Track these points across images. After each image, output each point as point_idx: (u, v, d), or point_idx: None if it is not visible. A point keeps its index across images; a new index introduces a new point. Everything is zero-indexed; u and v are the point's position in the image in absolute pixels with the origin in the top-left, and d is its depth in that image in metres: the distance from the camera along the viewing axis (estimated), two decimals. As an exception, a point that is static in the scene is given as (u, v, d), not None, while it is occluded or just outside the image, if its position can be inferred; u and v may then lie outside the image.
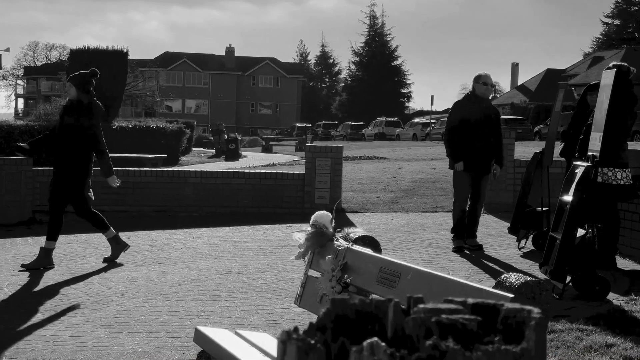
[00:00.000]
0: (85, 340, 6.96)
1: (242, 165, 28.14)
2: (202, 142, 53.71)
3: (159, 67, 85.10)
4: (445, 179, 18.84)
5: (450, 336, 1.12)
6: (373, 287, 4.35)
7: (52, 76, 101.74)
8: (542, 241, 10.55)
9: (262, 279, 9.33)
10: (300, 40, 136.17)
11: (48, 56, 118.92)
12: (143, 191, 15.20)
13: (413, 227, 13.05)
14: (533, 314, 1.14)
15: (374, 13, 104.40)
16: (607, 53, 77.23)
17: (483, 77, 10.85)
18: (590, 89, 10.68)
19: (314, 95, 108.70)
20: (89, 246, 11.95)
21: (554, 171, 11.67)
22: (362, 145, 45.91)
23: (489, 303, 1.24)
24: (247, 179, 15.41)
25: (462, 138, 10.67)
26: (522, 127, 47.36)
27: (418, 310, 1.21)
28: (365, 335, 1.27)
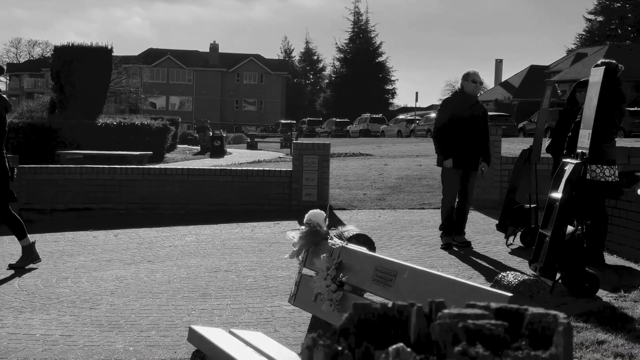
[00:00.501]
0: (75, 340, 6.93)
1: (228, 162, 28.09)
2: (187, 139, 53.58)
3: (143, 64, 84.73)
4: (431, 176, 18.87)
5: (479, 342, 1.12)
6: (369, 286, 4.35)
7: (35, 73, 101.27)
8: (530, 238, 10.60)
9: (251, 276, 9.32)
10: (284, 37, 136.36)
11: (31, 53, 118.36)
12: (129, 189, 15.15)
13: (401, 224, 13.07)
14: (560, 319, 1.14)
15: (358, 9, 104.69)
16: (590, 49, 77.53)
17: (472, 74, 10.87)
18: (579, 86, 10.73)
19: (298, 92, 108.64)
20: (76, 244, 11.91)
21: (542, 168, 11.71)
22: (347, 142, 45.92)
23: (513, 308, 1.24)
24: (234, 176, 15.39)
25: (450, 135, 10.70)
26: (507, 124, 47.49)
27: (443, 316, 1.20)
28: (388, 340, 1.27)
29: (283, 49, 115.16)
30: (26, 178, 14.83)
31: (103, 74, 33.84)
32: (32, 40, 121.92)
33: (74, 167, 15.79)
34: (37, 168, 15.43)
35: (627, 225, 9.86)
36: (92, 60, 32.98)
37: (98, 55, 33.49)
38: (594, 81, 8.19)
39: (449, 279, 3.74)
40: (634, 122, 38.77)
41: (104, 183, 15.11)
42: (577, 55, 77.71)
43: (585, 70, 57.80)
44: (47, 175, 15.07)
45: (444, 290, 3.63)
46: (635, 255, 9.59)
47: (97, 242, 12.04)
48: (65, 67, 32.55)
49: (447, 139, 10.70)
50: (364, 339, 1.25)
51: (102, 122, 30.84)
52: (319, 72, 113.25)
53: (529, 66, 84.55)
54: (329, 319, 4.65)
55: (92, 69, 32.79)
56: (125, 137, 29.99)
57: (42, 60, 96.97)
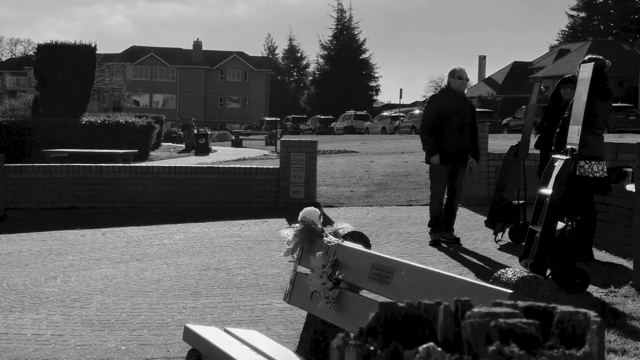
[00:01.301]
0: (67, 339, 6.90)
1: (213, 160, 28.03)
2: (171, 136, 53.42)
3: (126, 62, 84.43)
4: (417, 173, 18.90)
5: (513, 341, 1.12)
6: (365, 284, 4.35)
7: (18, 71, 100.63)
8: (518, 234, 10.64)
9: (241, 274, 9.31)
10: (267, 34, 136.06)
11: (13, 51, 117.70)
12: (116, 187, 15.10)
13: (389, 220, 13.08)
14: (592, 318, 1.14)
15: (342, 7, 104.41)
16: (573, 46, 77.85)
17: (458, 71, 10.89)
18: (563, 82, 10.77)
19: (282, 89, 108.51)
20: (63, 243, 11.85)
21: (530, 164, 11.75)
22: (332, 139, 45.90)
23: (540, 306, 1.24)
24: (221, 174, 15.35)
25: (437, 132, 10.71)
26: (491, 120, 47.57)
27: (473, 315, 1.20)
28: (415, 339, 1.26)
29: (266, 46, 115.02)
30: (12, 177, 14.75)
31: (87, 72, 33.68)
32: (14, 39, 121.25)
33: (60, 165, 15.71)
34: (22, 167, 15.34)
35: (616, 221, 9.90)
36: (76, 59, 32.81)
37: (81, 53, 33.32)
38: (584, 77, 8.22)
39: (448, 275, 3.74)
40: (618, 119, 38.93)
41: (91, 182, 15.05)
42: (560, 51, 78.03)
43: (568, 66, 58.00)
44: (33, 174, 14.99)
45: (443, 287, 3.63)
46: (623, 251, 9.64)
47: (85, 241, 11.99)
48: (49, 66, 32.37)
49: (433, 135, 10.72)
50: (391, 338, 1.25)
51: (87, 121, 30.69)
52: (302, 70, 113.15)
53: (512, 62, 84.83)
54: (325, 317, 4.65)
55: (75, 67, 32.63)
56: (109, 135, 29.86)
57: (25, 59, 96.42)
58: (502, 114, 58.19)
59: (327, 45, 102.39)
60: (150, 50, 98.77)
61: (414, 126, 51.26)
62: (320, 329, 4.94)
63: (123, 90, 74.42)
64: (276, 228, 12.27)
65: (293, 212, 7.66)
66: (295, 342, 5.95)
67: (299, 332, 5.78)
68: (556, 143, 9.16)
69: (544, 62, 77.82)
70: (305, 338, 5.06)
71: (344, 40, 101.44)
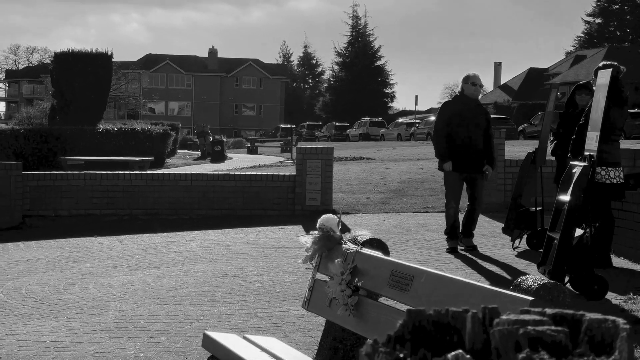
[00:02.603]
0: (86, 346, 6.92)
1: (229, 167, 28.09)
2: (187, 144, 53.58)
3: (142, 69, 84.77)
4: (433, 179, 18.88)
5: (542, 349, 1.12)
6: (384, 291, 4.35)
7: (34, 79, 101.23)
8: (536, 241, 10.61)
9: (258, 281, 9.32)
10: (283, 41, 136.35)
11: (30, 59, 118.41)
12: (133, 194, 15.15)
13: (406, 227, 13.07)
14: (621, 325, 1.14)
15: (357, 14, 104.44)
16: (589, 52, 77.63)
17: (472, 77, 10.86)
18: (578, 89, 10.74)
19: (297, 96, 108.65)
20: (81, 250, 11.90)
21: (547, 171, 11.72)
22: (347, 145, 45.91)
23: (568, 313, 1.24)
24: (238, 181, 15.39)
25: (451, 138, 10.68)
26: (507, 126, 47.46)
27: (502, 322, 1.20)
28: (443, 346, 1.27)
29: (282, 54, 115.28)
30: (30, 184, 14.83)
31: (103, 80, 33.85)
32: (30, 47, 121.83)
33: (77, 173, 15.78)
34: (40, 174, 15.42)
35: (634, 227, 9.86)
36: (92, 67, 32.99)
37: (98, 61, 33.51)
38: (601, 83, 8.20)
39: (468, 283, 3.73)
40: (635, 125, 38.77)
41: (108, 189, 15.11)
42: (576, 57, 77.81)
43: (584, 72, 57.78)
44: (51, 181, 15.06)
45: (463, 294, 3.62)
46: (642, 257, 9.59)
47: (102, 248, 12.04)
48: (66, 73, 32.56)
49: (446, 142, 10.68)
50: (420, 345, 1.26)
51: (103, 128, 30.82)
52: (317, 76, 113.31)
53: (528, 69, 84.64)
54: (344, 324, 4.65)
55: (92, 75, 32.81)
56: (125, 142, 29.98)
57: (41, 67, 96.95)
58: (517, 120, 58.04)
59: (342, 52, 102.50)
60: (166, 57, 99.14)
61: (429, 133, 51.20)
62: (339, 336, 4.94)
63: (139, 98, 74.72)
64: (293, 235, 12.29)
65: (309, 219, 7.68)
66: (314, 349, 5.95)
67: (317, 339, 5.79)
68: (572, 149, 9.14)
69: (559, 68, 77.63)
70: (324, 345, 5.06)
71: (359, 47, 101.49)
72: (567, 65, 76.08)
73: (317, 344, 5.36)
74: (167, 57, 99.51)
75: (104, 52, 34.19)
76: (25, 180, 14.79)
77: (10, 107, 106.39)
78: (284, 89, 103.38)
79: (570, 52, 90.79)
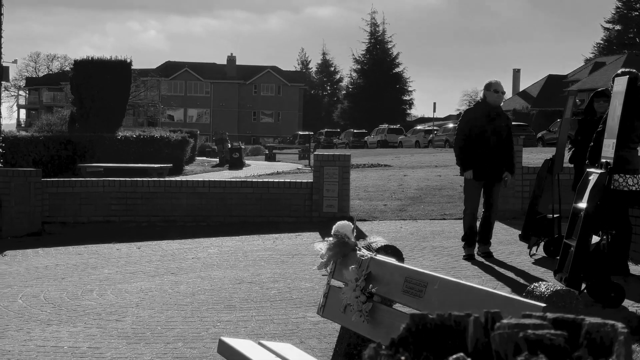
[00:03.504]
0: (103, 352, 6.98)
1: (247, 174, 28.17)
2: (205, 151, 53.79)
3: (161, 77, 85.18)
4: (451, 186, 18.87)
5: (541, 352, 1.14)
6: (399, 297, 4.36)
7: (54, 87, 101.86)
8: (553, 248, 10.59)
9: (275, 288, 9.35)
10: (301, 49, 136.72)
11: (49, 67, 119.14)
12: (151, 201, 15.23)
13: (422, 234, 13.07)
14: (619, 329, 1.16)
15: (375, 21, 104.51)
16: (608, 58, 77.27)
17: (494, 84, 10.85)
18: (596, 96, 10.72)
19: (315, 103, 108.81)
20: (100, 257, 11.97)
21: (564, 178, 11.69)
22: (365, 152, 45.94)
23: (569, 317, 1.26)
24: (255, 188, 15.43)
25: (472, 146, 10.67)
26: (525, 133, 47.32)
27: (502, 326, 1.23)
28: (446, 349, 1.29)
29: (300, 61, 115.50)
30: (49, 191, 14.93)
31: (122, 87, 34.06)
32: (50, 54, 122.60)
33: (96, 180, 15.88)
34: (59, 181, 15.53)
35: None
36: (112, 74, 33.21)
37: (117, 68, 33.73)
38: (618, 90, 8.18)
39: (481, 289, 3.75)
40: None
41: (126, 196, 15.19)
42: (595, 64, 77.44)
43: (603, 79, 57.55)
44: (70, 188, 15.16)
45: (476, 301, 3.64)
46: (659, 265, 9.55)
47: (120, 255, 12.11)
48: (85, 81, 32.79)
49: (468, 149, 10.68)
50: (422, 349, 1.28)
51: (122, 135, 31.00)
52: (336, 83, 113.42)
53: (547, 75, 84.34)
54: (358, 330, 4.67)
55: (111, 82, 33.02)
56: (144, 149, 30.14)
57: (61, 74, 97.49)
58: (536, 127, 57.87)
59: (360, 59, 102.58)
60: (185, 65, 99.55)
61: (447, 140, 51.16)
62: (353, 342, 4.96)
63: (158, 105, 75.04)
64: (310, 242, 12.31)
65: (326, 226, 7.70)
66: (329, 355, 5.97)
67: (333, 345, 5.80)
68: (590, 157, 9.12)
69: (579, 75, 77.31)
70: (339, 351, 5.08)
71: (377, 54, 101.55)
72: (586, 72, 75.75)
73: (332, 350, 5.38)
74: (186, 64, 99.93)
75: (123, 60, 34.42)
76: (45, 187, 14.88)
77: (30, 114, 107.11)
78: (302, 96, 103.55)
79: (590, 59, 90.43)
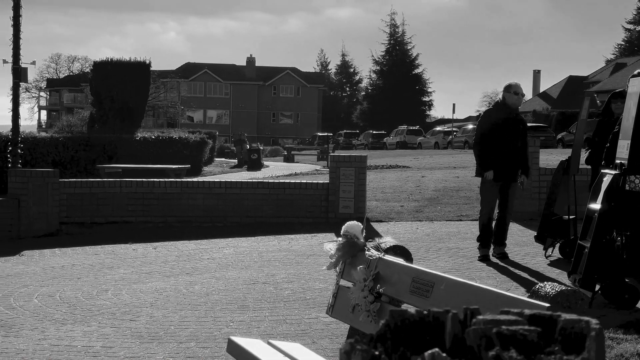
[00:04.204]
0: (116, 351, 7.01)
1: (265, 175, 28.21)
2: (224, 152, 53.88)
3: (180, 78, 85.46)
4: (469, 188, 18.82)
5: (512, 347, 1.15)
6: (406, 297, 4.37)
7: (75, 88, 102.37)
8: (569, 249, 10.54)
9: (289, 288, 9.37)
10: (320, 50, 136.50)
11: (70, 68, 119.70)
12: (168, 202, 15.28)
13: (438, 235, 13.05)
14: (592, 325, 1.16)
15: (394, 22, 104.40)
16: (629, 59, 76.85)
17: (514, 86, 10.82)
18: (614, 97, 10.67)
19: (334, 105, 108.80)
20: (116, 257, 12.03)
21: (581, 179, 11.63)
22: (384, 154, 45.89)
23: (546, 314, 1.26)
24: (271, 189, 15.46)
25: (491, 147, 10.65)
26: (545, 135, 47.12)
27: (478, 322, 1.23)
28: (424, 345, 1.30)
29: (319, 62, 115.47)
30: (66, 192, 15.01)
31: (141, 89, 34.19)
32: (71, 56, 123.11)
33: (114, 180, 15.96)
34: (77, 182, 15.61)
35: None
36: (131, 75, 33.35)
37: (136, 70, 33.86)
38: (633, 91, 8.14)
39: (487, 289, 3.75)
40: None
41: (143, 196, 15.26)
42: (616, 65, 77.05)
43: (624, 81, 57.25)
44: (87, 189, 15.24)
45: (482, 301, 3.64)
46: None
47: (136, 255, 12.17)
48: (105, 82, 32.95)
49: (487, 150, 10.67)
50: (400, 344, 1.29)
51: (141, 136, 31.10)
52: (355, 85, 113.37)
53: (568, 76, 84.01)
54: (366, 330, 4.68)
55: (130, 83, 33.15)
56: (163, 150, 30.22)
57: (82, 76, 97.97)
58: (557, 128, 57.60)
59: (379, 60, 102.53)
60: (204, 66, 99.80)
61: (467, 141, 51.02)
62: (362, 342, 4.96)
63: (178, 106, 75.26)
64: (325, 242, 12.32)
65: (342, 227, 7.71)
66: (339, 355, 5.97)
67: (343, 346, 5.81)
68: (606, 158, 9.08)
69: (600, 76, 76.93)
70: (348, 351, 5.08)
71: (396, 55, 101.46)
72: (607, 73, 75.37)
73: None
74: (206, 65, 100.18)
75: (142, 61, 34.55)
76: (62, 188, 14.97)
77: (51, 115, 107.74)
78: (322, 97, 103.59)
79: (611, 59, 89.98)
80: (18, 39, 18.72)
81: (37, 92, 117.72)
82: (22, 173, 14.96)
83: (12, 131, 18.98)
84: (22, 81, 19.23)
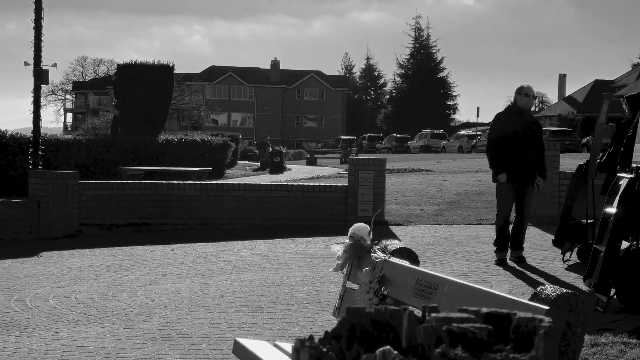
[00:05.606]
0: (128, 352, 7.03)
1: (287, 178, 28.22)
2: (248, 155, 54.04)
3: (205, 81, 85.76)
4: (490, 192, 18.70)
5: (460, 345, 1.13)
6: (410, 299, 4.34)
7: (100, 91, 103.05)
8: (587, 254, 10.43)
9: (304, 291, 9.35)
10: (345, 53, 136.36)
11: (96, 71, 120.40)
12: (187, 204, 15.32)
13: (456, 239, 12.99)
14: (543, 323, 1.14)
15: (419, 25, 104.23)
16: (655, 63, 76.17)
17: (525, 88, 10.79)
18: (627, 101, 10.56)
19: (359, 108, 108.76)
20: (133, 258, 12.07)
21: (599, 183, 11.53)
22: (407, 157, 45.82)
23: (502, 312, 1.24)
24: (290, 191, 15.46)
25: (504, 150, 10.61)
26: (570, 139, 46.89)
27: (430, 319, 1.21)
28: (380, 344, 1.28)
29: (344, 65, 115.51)
30: (86, 193, 15.09)
31: (164, 92, 34.30)
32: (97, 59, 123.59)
33: (133, 182, 16.02)
34: (97, 183, 15.68)
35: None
36: (154, 78, 33.46)
37: (160, 73, 33.97)
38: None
39: (488, 292, 3.72)
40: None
41: (162, 199, 15.30)
42: (642, 69, 76.41)
43: (650, 85, 56.80)
44: (107, 190, 15.31)
45: (483, 303, 3.61)
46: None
47: (154, 257, 12.20)
48: (128, 85, 33.08)
49: (500, 153, 10.62)
50: (356, 342, 1.27)
51: (163, 139, 31.22)
52: (379, 88, 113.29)
53: (594, 81, 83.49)
54: (371, 332, 4.65)
55: (154, 86, 33.27)
56: (185, 153, 30.31)
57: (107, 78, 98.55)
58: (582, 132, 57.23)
59: (404, 64, 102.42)
60: (229, 69, 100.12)
61: (490, 145, 50.76)
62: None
63: (202, 109, 75.51)
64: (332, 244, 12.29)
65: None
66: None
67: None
68: (621, 162, 9.00)
69: (626, 80, 76.37)
70: (354, 353, 5.06)
71: (421, 58, 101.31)
72: (634, 77, 74.81)
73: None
74: (230, 69, 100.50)
75: (165, 64, 34.66)
76: (82, 189, 15.05)
77: (77, 118, 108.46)
78: (346, 100, 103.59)
79: (637, 63, 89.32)
80: (39, 42, 18.85)
81: (63, 95, 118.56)
82: (42, 175, 15.04)
83: (33, 133, 19.10)
84: (43, 83, 19.34)
